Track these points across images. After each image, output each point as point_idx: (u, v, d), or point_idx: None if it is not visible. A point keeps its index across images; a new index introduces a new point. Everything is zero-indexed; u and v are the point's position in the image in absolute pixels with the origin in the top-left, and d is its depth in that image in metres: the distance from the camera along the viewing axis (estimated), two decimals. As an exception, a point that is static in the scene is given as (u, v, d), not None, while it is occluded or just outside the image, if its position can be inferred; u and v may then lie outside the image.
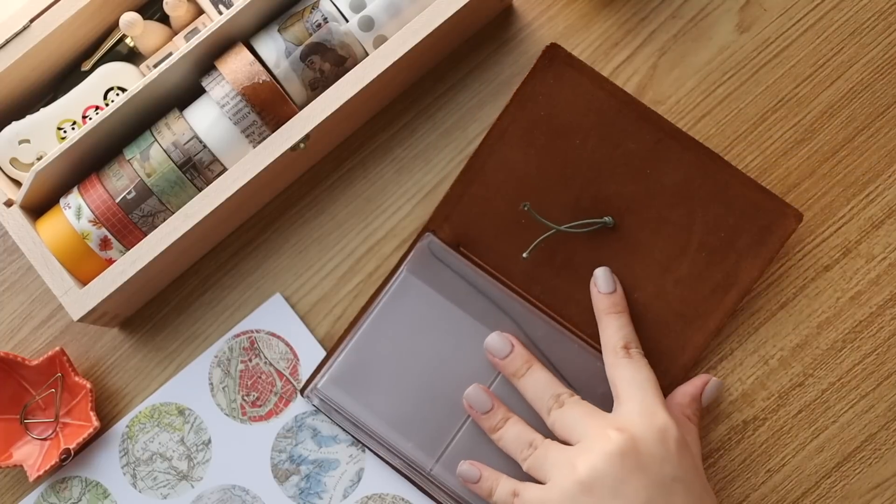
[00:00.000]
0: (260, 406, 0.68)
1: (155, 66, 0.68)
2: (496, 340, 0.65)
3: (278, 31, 0.65)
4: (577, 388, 0.64)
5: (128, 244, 0.65)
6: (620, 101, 0.67)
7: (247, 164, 0.63)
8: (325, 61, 0.65)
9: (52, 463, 0.66)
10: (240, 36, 0.65)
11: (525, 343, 0.65)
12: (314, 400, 0.67)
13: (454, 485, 0.65)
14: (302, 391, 0.68)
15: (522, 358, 0.64)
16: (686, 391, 0.64)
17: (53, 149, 0.65)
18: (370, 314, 0.67)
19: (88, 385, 0.67)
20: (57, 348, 0.67)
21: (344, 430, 0.67)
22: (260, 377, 0.69)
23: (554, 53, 0.67)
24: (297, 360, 0.68)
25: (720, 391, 0.66)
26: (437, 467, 0.65)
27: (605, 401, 0.63)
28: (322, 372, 0.67)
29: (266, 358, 0.69)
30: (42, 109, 0.67)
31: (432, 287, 0.66)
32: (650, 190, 0.66)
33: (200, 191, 0.64)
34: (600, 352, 0.64)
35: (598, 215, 0.66)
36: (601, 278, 0.65)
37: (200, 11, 0.69)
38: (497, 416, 0.64)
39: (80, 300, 0.63)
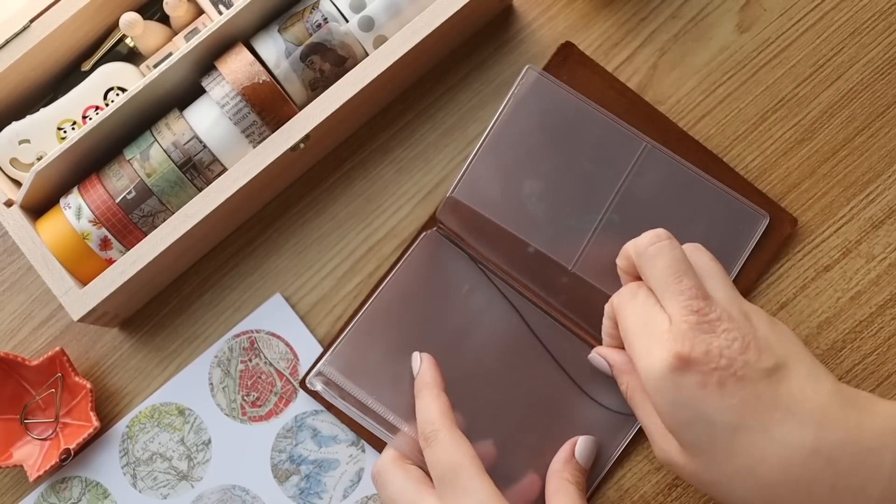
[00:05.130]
0: (260, 406, 0.68)
1: (155, 66, 0.68)
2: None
3: (278, 31, 0.65)
4: (576, 378, 0.64)
5: (128, 244, 0.65)
6: (629, 101, 0.67)
7: (247, 164, 0.63)
8: (326, 61, 0.65)
9: (52, 463, 0.66)
10: (240, 36, 0.65)
11: (526, 333, 0.65)
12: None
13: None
14: (302, 383, 0.68)
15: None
16: (558, 457, 0.63)
17: (53, 149, 0.65)
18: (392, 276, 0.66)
19: (88, 385, 0.67)
20: (57, 348, 0.67)
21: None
22: (260, 377, 0.69)
23: (568, 51, 0.68)
24: (297, 360, 0.68)
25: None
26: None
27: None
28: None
29: (266, 358, 0.69)
30: (42, 109, 0.67)
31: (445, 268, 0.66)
32: None
33: (200, 191, 0.64)
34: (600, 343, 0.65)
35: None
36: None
37: (200, 11, 0.69)
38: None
39: (80, 300, 0.63)
